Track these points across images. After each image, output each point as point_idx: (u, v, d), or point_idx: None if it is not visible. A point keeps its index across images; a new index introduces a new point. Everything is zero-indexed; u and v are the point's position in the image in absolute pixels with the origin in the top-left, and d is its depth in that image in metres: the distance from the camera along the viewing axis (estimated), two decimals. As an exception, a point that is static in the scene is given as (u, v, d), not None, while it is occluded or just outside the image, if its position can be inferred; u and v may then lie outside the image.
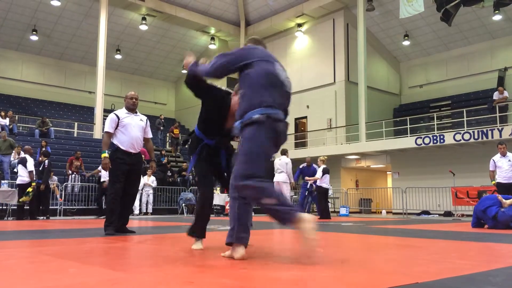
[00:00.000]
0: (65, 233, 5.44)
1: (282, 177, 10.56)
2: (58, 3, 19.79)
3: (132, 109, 5.45)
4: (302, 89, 21.84)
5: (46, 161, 10.70)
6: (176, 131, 20.57)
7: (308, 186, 11.94)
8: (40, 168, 10.56)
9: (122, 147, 5.20)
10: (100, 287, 1.95)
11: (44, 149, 12.95)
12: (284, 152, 11.02)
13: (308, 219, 2.66)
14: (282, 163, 10.68)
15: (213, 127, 3.50)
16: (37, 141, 15.41)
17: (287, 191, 10.77)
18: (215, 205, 13.80)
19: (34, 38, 21.87)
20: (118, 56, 24.27)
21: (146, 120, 5.58)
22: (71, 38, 22.90)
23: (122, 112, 5.43)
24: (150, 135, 5.67)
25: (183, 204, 14.23)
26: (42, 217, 10.40)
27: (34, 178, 10.13)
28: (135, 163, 5.32)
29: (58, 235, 5.14)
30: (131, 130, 5.29)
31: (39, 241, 4.41)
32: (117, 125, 5.25)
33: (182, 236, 5.06)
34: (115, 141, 5.26)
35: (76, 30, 22.40)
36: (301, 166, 12.04)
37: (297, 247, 4.23)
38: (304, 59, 22.16)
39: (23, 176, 10.03)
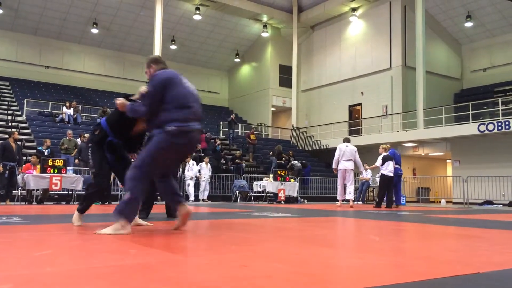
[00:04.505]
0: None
1: (351, 165, 10.61)
2: (116, -3, 20.53)
3: None
4: (356, 75, 21.39)
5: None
6: (253, 136, 19.22)
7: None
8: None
9: None
10: (159, 267, 2.03)
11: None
12: (348, 140, 10.95)
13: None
14: (351, 151, 10.63)
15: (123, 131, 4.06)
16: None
17: (352, 179, 10.79)
18: (268, 192, 13.88)
19: (94, 31, 22.84)
20: (173, 47, 24.85)
21: None
22: (128, 30, 23.71)
23: None
24: None
25: (237, 191, 14.44)
26: (106, 202, 10.93)
27: None
28: None
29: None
30: None
31: (102, 224, 4.65)
32: None
33: (236, 222, 5.15)
34: None
35: (133, 22, 23.15)
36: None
37: (354, 235, 4.18)
38: (359, 44, 21.61)
39: None
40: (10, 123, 16.14)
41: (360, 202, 14.56)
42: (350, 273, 2.02)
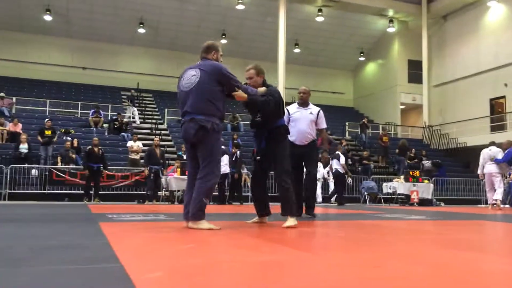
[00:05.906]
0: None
1: (495, 168, 10.21)
2: (242, 7, 21.53)
3: (301, 103, 5.71)
4: (498, 65, 19.27)
5: (238, 152, 11.79)
6: (386, 138, 18.23)
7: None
8: (233, 159, 11.68)
9: (291, 139, 5.45)
10: (289, 264, 2.07)
11: (235, 141, 14.31)
12: (493, 143, 10.57)
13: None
14: (492, 154, 10.23)
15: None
16: (229, 134, 17.08)
17: (499, 181, 10.28)
18: (399, 194, 13.26)
19: (223, 41, 24.23)
20: (296, 50, 25.17)
21: (318, 112, 5.69)
22: (254, 37, 24.66)
23: (293, 107, 5.74)
24: (322, 126, 5.77)
25: (365, 193, 14.04)
26: (237, 203, 11.51)
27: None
28: (304, 153, 5.49)
29: (252, 218, 5.61)
30: (299, 124, 5.53)
31: (238, 222, 4.91)
32: (289, 119, 5.53)
33: (366, 223, 5.02)
34: None
35: (258, 30, 24.02)
36: None
37: (504, 239, 3.78)
38: (500, 31, 19.46)
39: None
40: (153, 131, 17.95)
41: (508, 205, 13.08)
42: (499, 279, 1.82)
